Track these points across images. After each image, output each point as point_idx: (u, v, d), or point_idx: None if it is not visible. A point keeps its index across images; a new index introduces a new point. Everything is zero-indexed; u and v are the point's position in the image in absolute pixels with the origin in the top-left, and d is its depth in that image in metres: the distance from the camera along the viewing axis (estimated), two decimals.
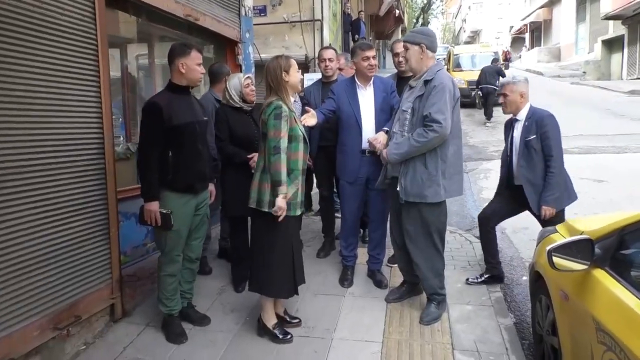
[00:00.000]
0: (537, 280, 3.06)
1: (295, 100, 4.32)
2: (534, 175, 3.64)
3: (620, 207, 6.00)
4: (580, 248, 2.27)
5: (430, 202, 3.30)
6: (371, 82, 3.92)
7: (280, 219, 3.02)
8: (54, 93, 2.92)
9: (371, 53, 3.81)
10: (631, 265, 2.23)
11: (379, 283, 4.01)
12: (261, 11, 10.02)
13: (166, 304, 3.31)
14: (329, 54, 4.55)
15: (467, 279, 4.07)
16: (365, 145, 3.82)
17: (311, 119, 3.46)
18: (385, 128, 3.65)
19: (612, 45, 24.27)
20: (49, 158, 2.89)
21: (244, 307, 3.72)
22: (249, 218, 3.93)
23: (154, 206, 3.07)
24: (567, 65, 28.06)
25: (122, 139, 4.24)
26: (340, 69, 4.77)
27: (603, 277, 2.20)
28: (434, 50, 3.38)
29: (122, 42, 4.70)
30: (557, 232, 3.02)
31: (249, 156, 3.77)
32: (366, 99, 3.90)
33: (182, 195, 3.18)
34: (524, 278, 4.42)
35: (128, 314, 3.61)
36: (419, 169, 3.27)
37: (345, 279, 4.07)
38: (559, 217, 3.67)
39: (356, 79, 3.93)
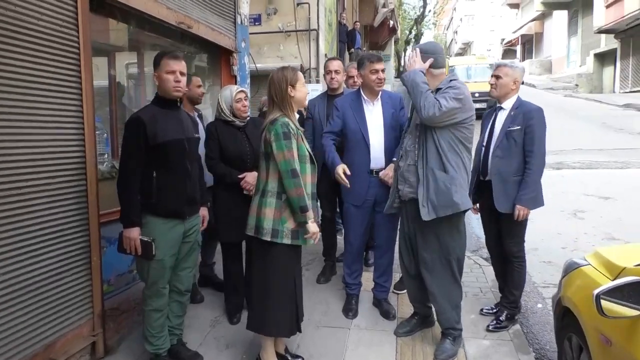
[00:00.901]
0: (564, 316, 2.77)
1: None
2: (508, 170, 3.35)
3: (630, 227, 5.77)
4: (632, 291, 1.97)
5: (451, 225, 3.02)
6: (379, 96, 3.64)
7: (316, 241, 2.83)
8: (27, 107, 2.59)
9: (380, 66, 3.52)
10: None
11: (386, 314, 3.69)
12: (256, 20, 9.75)
13: (152, 342, 2.97)
14: (335, 65, 4.24)
15: (482, 309, 3.75)
16: (373, 165, 3.55)
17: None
18: (394, 158, 3.42)
19: (604, 58, 24.37)
20: (20, 181, 2.56)
21: (240, 342, 3.38)
22: (244, 243, 3.65)
23: (134, 233, 2.74)
24: (559, 78, 28.12)
25: (107, 156, 3.91)
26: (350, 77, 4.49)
27: None
28: (441, 66, 3.11)
29: (109, 50, 4.38)
30: (588, 263, 2.73)
31: (240, 176, 3.47)
32: (374, 115, 3.60)
33: (167, 220, 2.85)
34: (539, 306, 4.15)
35: (111, 352, 3.25)
36: (440, 175, 2.97)
37: (350, 309, 3.74)
38: (523, 220, 3.39)
39: (362, 93, 3.64)
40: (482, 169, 3.51)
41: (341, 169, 3.43)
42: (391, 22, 22.15)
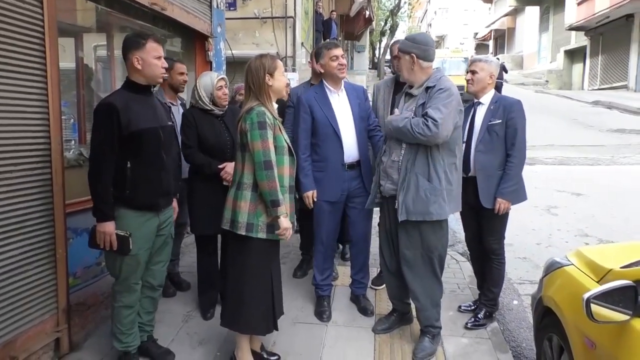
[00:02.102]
0: (544, 316, 2.74)
1: None
2: (492, 164, 3.32)
3: (602, 224, 5.86)
4: (622, 295, 1.93)
5: (433, 223, 2.96)
6: (342, 87, 3.51)
7: (288, 237, 2.68)
8: None
9: (339, 52, 3.39)
10: None
11: (364, 310, 3.62)
12: (231, 5, 9.50)
13: (122, 339, 2.82)
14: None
15: (460, 307, 3.72)
16: (347, 158, 3.44)
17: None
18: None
19: (573, 55, 24.87)
20: None
21: (214, 338, 3.26)
22: (219, 237, 3.53)
23: (109, 227, 2.57)
24: (530, 74, 28.61)
25: (74, 142, 3.70)
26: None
27: None
28: (429, 60, 2.99)
29: (76, 31, 4.15)
30: (571, 263, 2.70)
31: (220, 166, 3.33)
32: (341, 106, 3.46)
33: (142, 213, 2.70)
34: (515, 302, 4.15)
35: (76, 348, 3.09)
36: (422, 183, 2.90)
37: (323, 312, 3.57)
38: (504, 217, 3.37)
39: (325, 84, 3.49)
40: (463, 165, 3.45)
41: (311, 194, 3.42)
42: (367, 12, 22.06)
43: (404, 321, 3.44)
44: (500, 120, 3.31)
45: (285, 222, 2.63)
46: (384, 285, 3.64)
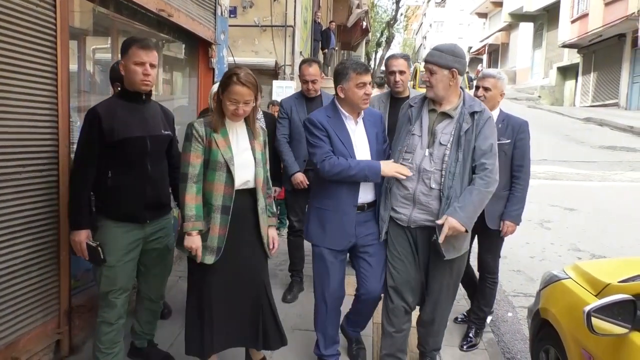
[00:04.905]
0: (541, 328, 2.79)
1: (257, 118, 3.17)
2: (499, 185, 3.14)
3: (594, 239, 5.96)
4: (621, 309, 1.99)
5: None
6: (361, 114, 2.93)
7: (198, 260, 2.52)
8: None
9: (368, 78, 2.75)
10: None
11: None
12: (231, 12, 9.53)
13: (99, 358, 2.67)
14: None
15: (456, 318, 3.76)
16: (362, 199, 2.84)
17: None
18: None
19: (566, 72, 25.16)
20: None
21: None
22: None
23: (81, 236, 2.53)
24: (522, 89, 28.88)
25: None
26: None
27: None
28: (462, 74, 2.70)
29: (80, 35, 4.17)
30: (569, 276, 2.75)
31: None
32: (358, 137, 2.86)
33: (123, 224, 2.62)
34: (509, 314, 4.20)
35: (76, 351, 3.09)
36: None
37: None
38: (503, 238, 3.36)
39: (341, 109, 2.85)
40: None
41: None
42: (364, 23, 22.23)
43: None
44: (509, 140, 3.21)
45: (189, 241, 2.46)
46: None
